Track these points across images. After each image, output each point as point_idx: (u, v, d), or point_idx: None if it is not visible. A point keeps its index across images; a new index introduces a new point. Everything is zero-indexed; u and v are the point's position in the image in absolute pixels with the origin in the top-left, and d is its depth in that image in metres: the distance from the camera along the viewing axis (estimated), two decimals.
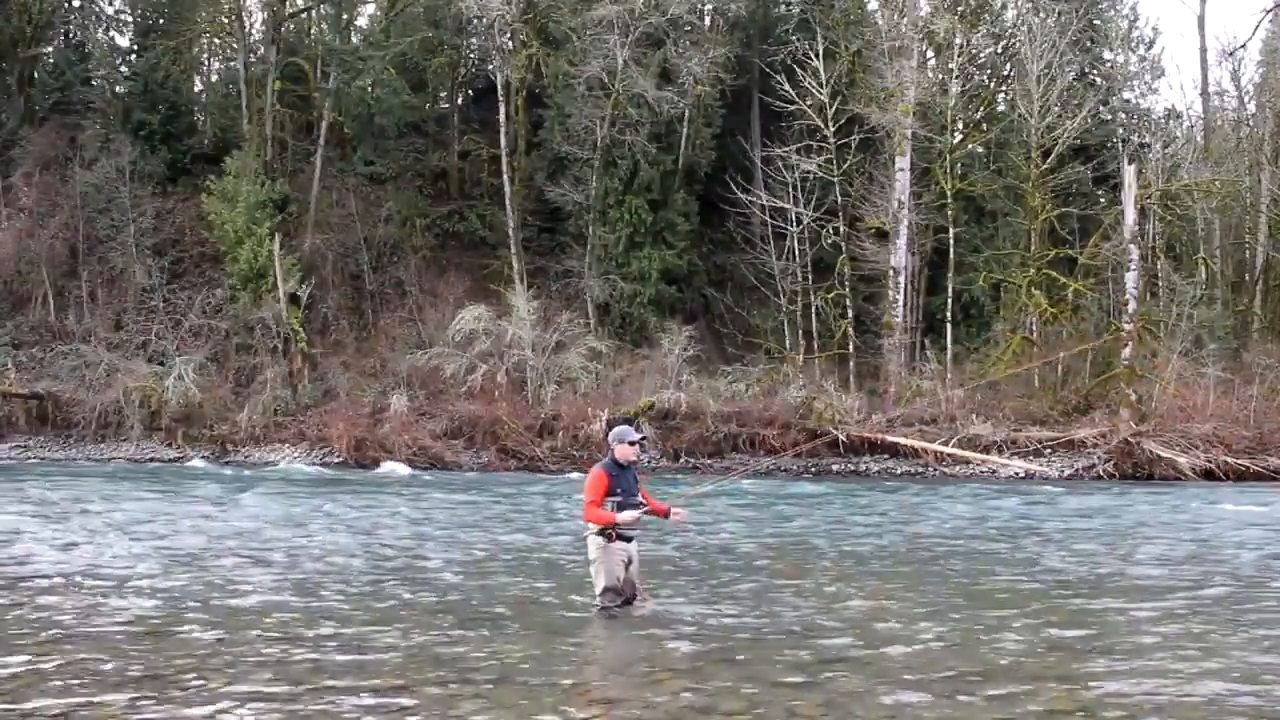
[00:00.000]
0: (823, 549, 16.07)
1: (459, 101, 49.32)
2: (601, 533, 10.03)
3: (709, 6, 45.26)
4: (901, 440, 33.46)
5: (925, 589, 12.27)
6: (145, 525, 17.51)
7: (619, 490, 9.96)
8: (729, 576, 12.88)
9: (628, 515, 9.94)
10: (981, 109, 42.12)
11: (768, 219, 39.42)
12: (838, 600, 11.47)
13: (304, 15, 48.37)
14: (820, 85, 38.62)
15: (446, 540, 16.50)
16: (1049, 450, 32.55)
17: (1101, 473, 31.32)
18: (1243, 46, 47.31)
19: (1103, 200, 41.63)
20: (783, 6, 46.48)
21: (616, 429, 10.33)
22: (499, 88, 42.03)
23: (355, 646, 9.01)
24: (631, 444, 10.10)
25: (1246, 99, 47.00)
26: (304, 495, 23.64)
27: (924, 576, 13.30)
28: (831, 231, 39.13)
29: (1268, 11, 44.50)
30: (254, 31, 47.36)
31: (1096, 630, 10.01)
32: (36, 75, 47.76)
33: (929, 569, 14.01)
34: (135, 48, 47.71)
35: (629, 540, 10.12)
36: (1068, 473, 31.50)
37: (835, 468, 33.48)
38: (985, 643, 9.31)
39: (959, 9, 40.84)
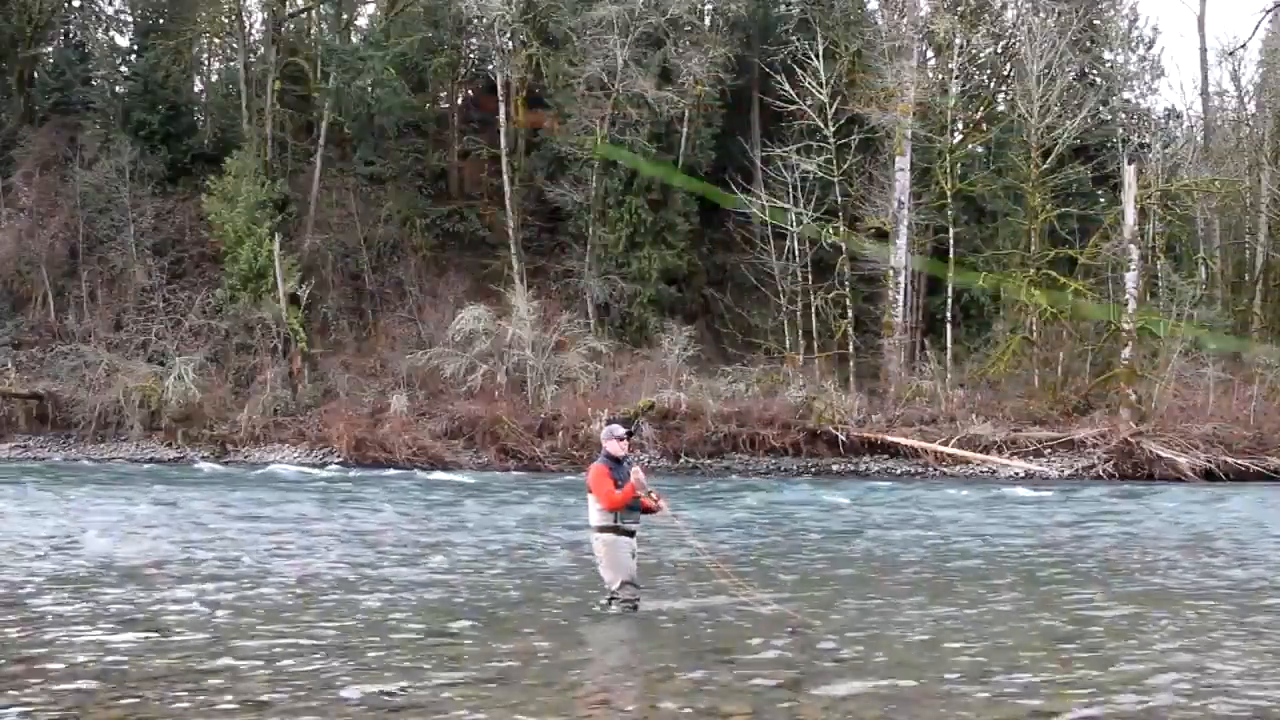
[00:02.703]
0: (810, 551, 16.06)
1: (459, 101, 49.27)
2: (605, 530, 10.15)
3: (709, 6, 45.17)
4: (901, 440, 33.45)
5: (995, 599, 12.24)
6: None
7: (619, 484, 10.15)
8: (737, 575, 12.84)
9: (639, 474, 10.14)
10: (981, 109, 42.06)
11: (767, 219, 39.37)
12: (837, 602, 11.45)
13: (304, 15, 48.30)
14: (820, 85, 38.55)
15: (446, 540, 16.49)
16: (1049, 450, 32.53)
17: (1101, 473, 31.29)
18: (1243, 46, 47.38)
19: (1103, 200, 41.61)
20: (783, 6, 46.35)
21: (606, 428, 10.81)
22: (499, 88, 41.99)
23: (354, 646, 9.00)
24: (619, 439, 10.42)
25: (1246, 99, 46.98)
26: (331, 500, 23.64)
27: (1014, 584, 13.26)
28: (831, 231, 39.08)
29: (1268, 11, 44.24)
30: (254, 31, 47.36)
31: None
32: (36, 75, 47.66)
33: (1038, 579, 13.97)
34: (135, 48, 47.63)
35: (631, 534, 10.28)
36: (1068, 473, 31.48)
37: (835, 468, 33.47)
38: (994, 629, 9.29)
39: (959, 9, 40.77)
